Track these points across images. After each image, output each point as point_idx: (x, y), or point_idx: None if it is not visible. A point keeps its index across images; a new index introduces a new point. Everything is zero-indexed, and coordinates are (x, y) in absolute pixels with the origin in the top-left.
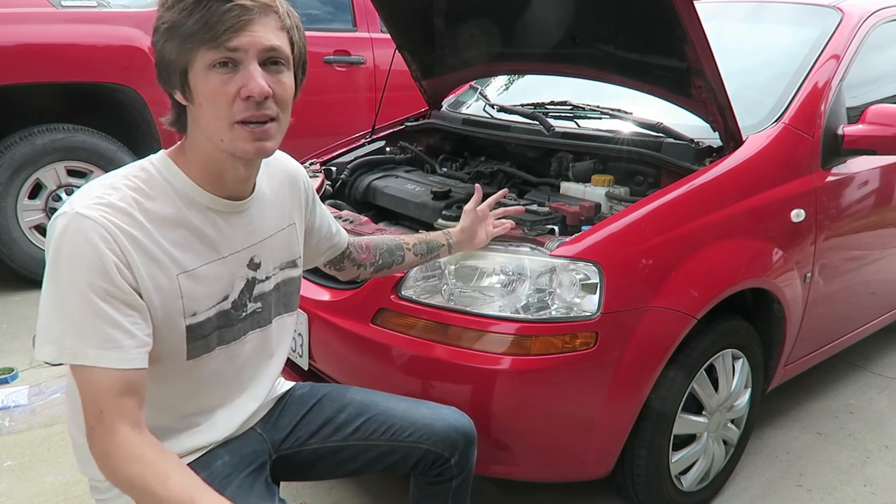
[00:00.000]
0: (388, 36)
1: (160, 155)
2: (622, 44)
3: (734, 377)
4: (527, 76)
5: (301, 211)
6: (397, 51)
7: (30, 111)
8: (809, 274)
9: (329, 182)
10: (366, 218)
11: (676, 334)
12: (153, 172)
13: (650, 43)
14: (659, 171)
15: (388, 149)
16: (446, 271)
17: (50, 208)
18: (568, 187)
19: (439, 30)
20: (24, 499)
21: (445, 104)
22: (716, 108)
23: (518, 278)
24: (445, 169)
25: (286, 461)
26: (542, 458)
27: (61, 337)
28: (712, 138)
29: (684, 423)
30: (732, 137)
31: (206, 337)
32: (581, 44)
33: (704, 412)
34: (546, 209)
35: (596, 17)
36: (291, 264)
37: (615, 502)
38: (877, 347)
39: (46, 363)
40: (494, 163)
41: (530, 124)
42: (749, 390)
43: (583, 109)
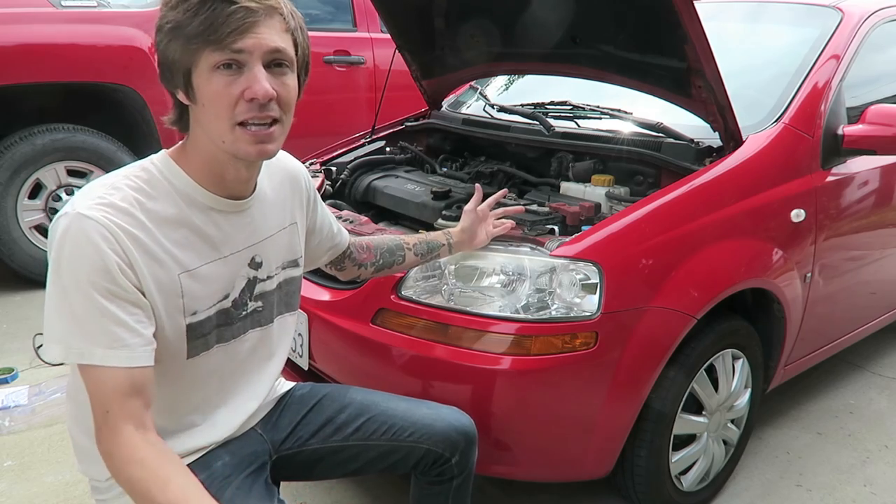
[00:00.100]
0: (388, 36)
1: (161, 155)
2: (622, 44)
3: (734, 377)
4: (527, 76)
5: (302, 210)
6: (397, 51)
7: (30, 111)
8: (809, 274)
9: (329, 182)
10: (366, 218)
11: (676, 334)
12: (154, 172)
13: (650, 43)
14: (659, 171)
15: (388, 149)
16: (446, 271)
17: (50, 208)
18: (568, 187)
19: (439, 30)
20: (24, 499)
21: (445, 104)
22: (716, 108)
23: (518, 278)
24: (445, 169)
25: (287, 461)
26: (543, 458)
27: (68, 337)
28: (712, 138)
29: (684, 423)
30: (732, 137)
31: (206, 335)
32: (581, 44)
33: (704, 412)
34: (546, 209)
35: (596, 17)
36: (293, 263)
37: (615, 502)
38: (877, 347)
39: (47, 363)
40: (494, 163)
41: (530, 124)
42: (749, 390)
43: (583, 109)
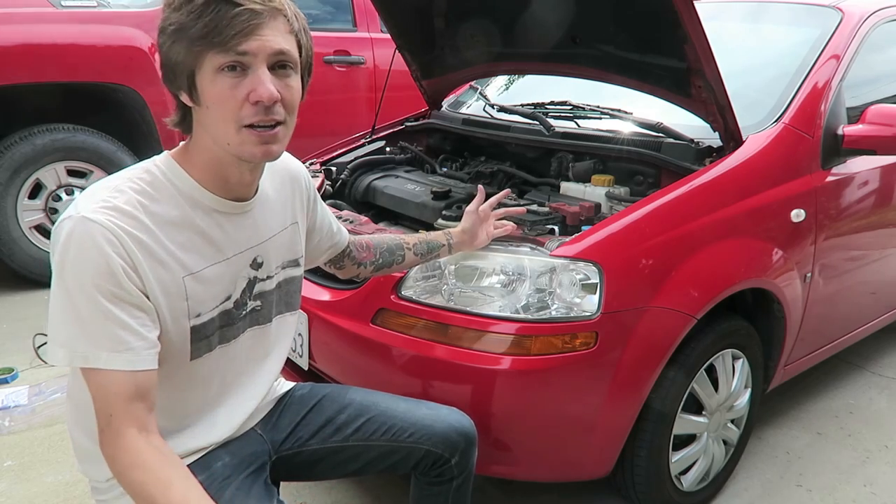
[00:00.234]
0: (388, 36)
1: (164, 156)
2: (622, 44)
3: (734, 377)
4: (527, 76)
5: (303, 210)
6: (397, 51)
7: (30, 111)
8: (809, 274)
9: (329, 182)
10: (366, 218)
11: (676, 334)
12: (157, 175)
13: (650, 43)
14: (659, 171)
15: (388, 149)
16: (446, 271)
17: (50, 208)
18: (568, 187)
19: (439, 30)
20: (24, 499)
21: (445, 104)
22: (716, 108)
23: (518, 278)
24: (445, 169)
25: (287, 462)
26: (543, 458)
27: (73, 341)
28: (712, 138)
29: (684, 423)
30: (732, 137)
31: (209, 337)
32: (581, 44)
33: (704, 412)
34: (546, 209)
35: (596, 17)
36: (294, 263)
37: (615, 502)
38: (877, 347)
39: (48, 363)
40: (494, 163)
41: (530, 124)
42: (749, 390)
43: (583, 109)
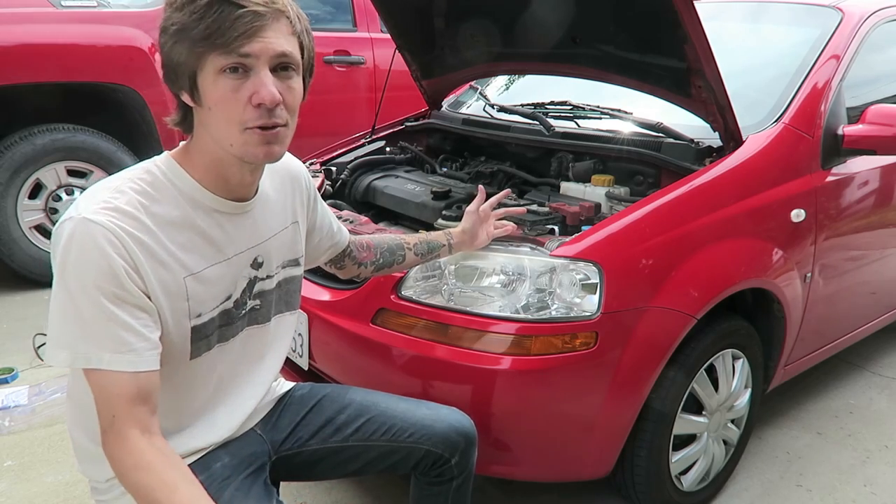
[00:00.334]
0: (388, 36)
1: (164, 157)
2: (622, 44)
3: (734, 377)
4: (527, 76)
5: (303, 209)
6: (397, 51)
7: (30, 111)
8: (809, 274)
9: (329, 182)
10: (366, 218)
11: (676, 334)
12: (158, 175)
13: (650, 43)
14: (659, 171)
15: (388, 149)
16: (446, 271)
17: (50, 208)
18: (568, 187)
19: (439, 30)
20: (24, 499)
21: (445, 104)
22: (716, 108)
23: (518, 278)
24: (445, 169)
25: (286, 462)
26: (542, 458)
27: (75, 342)
28: (712, 138)
29: (684, 423)
30: (732, 137)
31: (209, 336)
32: (581, 44)
33: (704, 412)
34: (546, 209)
35: (596, 17)
36: (294, 263)
37: (615, 502)
38: (877, 347)
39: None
40: (494, 163)
41: (530, 124)
42: (749, 390)
43: (583, 109)
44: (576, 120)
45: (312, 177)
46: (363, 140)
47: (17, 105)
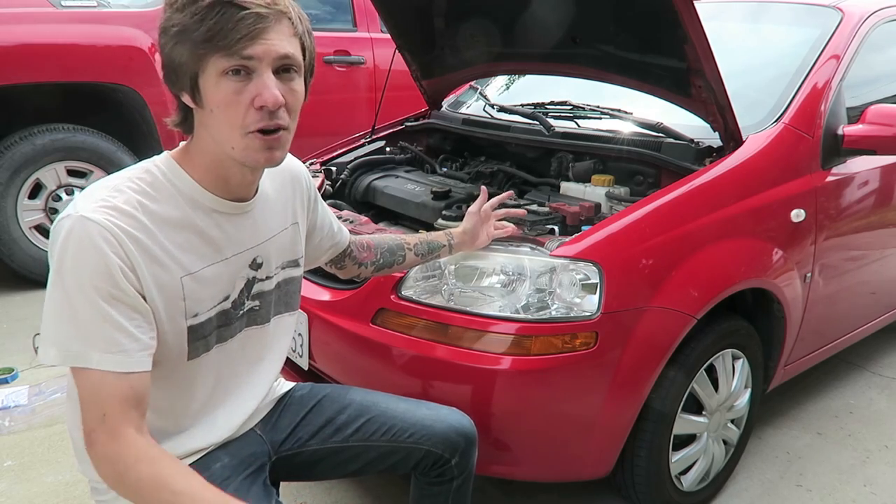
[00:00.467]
0: (388, 36)
1: (164, 156)
2: (622, 44)
3: (734, 377)
4: (527, 76)
5: (304, 210)
6: (397, 51)
7: (30, 111)
8: (809, 274)
9: (329, 182)
10: (366, 218)
11: (676, 334)
12: (157, 174)
13: (650, 43)
14: (659, 171)
15: (388, 149)
16: (446, 271)
17: (50, 208)
18: (568, 187)
19: (439, 30)
20: (24, 499)
21: (445, 104)
22: (716, 108)
23: (518, 278)
24: (445, 169)
25: (286, 462)
26: (543, 458)
27: (67, 341)
28: (712, 138)
29: (684, 423)
30: (732, 137)
31: (206, 337)
32: (581, 44)
33: (704, 412)
34: (546, 209)
35: (596, 17)
36: (293, 263)
37: (615, 502)
38: (877, 347)
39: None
40: (494, 163)
41: (530, 124)
42: (749, 390)
43: (583, 109)
44: (576, 120)
45: (312, 177)
46: (363, 140)
47: (17, 105)
